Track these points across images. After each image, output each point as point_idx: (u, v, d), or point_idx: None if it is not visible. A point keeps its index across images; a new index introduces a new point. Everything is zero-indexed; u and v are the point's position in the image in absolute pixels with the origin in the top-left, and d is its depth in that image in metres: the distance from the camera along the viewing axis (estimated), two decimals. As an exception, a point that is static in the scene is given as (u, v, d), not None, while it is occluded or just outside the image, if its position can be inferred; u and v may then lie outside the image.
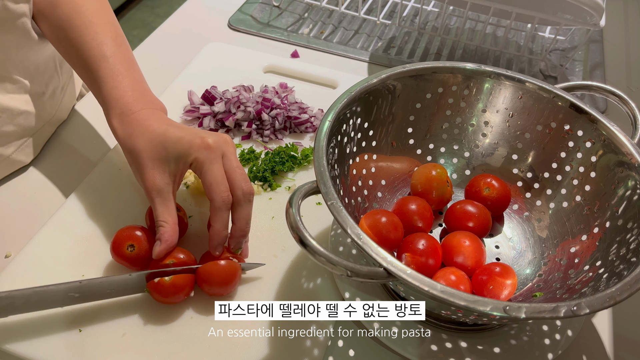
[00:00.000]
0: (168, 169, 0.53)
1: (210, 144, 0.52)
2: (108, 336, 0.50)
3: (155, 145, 0.53)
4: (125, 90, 0.56)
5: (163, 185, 0.52)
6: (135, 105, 0.56)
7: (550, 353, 0.49)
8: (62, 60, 0.72)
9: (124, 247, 0.52)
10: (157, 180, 0.52)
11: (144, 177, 0.53)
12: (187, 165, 0.53)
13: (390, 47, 0.93)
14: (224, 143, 0.54)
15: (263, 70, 0.83)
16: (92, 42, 0.57)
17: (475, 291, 0.51)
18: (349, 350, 0.51)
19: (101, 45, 0.57)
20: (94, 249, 0.57)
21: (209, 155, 0.52)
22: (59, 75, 0.71)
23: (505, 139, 0.61)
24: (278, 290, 0.55)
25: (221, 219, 0.52)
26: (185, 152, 0.52)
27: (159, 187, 0.52)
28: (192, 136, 0.53)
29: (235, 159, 0.54)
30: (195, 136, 0.53)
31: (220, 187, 0.52)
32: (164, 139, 0.53)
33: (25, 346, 0.49)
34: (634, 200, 0.49)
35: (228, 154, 0.54)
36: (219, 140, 0.53)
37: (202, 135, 0.53)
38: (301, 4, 1.01)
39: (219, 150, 0.53)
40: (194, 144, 0.52)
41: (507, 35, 0.86)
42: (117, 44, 0.59)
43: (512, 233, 0.59)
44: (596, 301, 0.39)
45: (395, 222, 0.53)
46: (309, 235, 0.41)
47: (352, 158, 0.55)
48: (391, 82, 0.56)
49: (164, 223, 0.52)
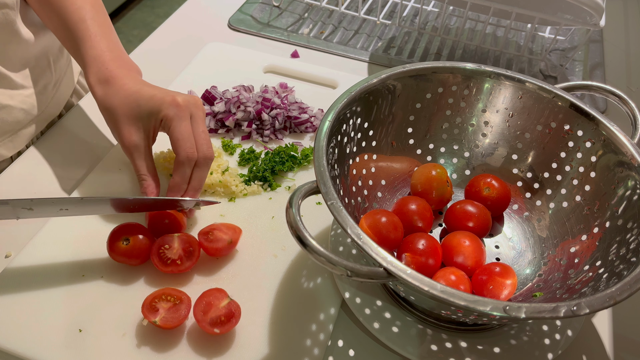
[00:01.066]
0: (142, 124, 0.56)
1: (180, 102, 0.55)
2: (108, 336, 0.50)
3: (130, 103, 0.56)
4: (102, 50, 0.59)
5: (139, 141, 0.56)
6: (112, 64, 0.58)
7: (550, 353, 0.49)
8: (56, 57, 0.72)
9: (119, 242, 0.53)
10: (133, 136, 0.56)
11: (120, 134, 0.57)
12: (159, 121, 0.57)
13: (390, 47, 0.93)
14: (193, 104, 0.57)
15: (263, 70, 0.83)
16: (72, 7, 0.60)
17: (475, 291, 0.51)
18: (349, 350, 0.51)
19: (80, 9, 0.61)
20: (94, 249, 0.56)
21: (178, 113, 0.55)
22: (52, 72, 0.71)
23: (505, 139, 0.61)
24: (278, 290, 0.55)
25: (183, 173, 0.56)
26: (156, 108, 0.55)
27: (135, 142, 0.56)
28: (164, 94, 0.56)
29: (202, 124, 0.57)
30: (166, 94, 0.56)
31: (186, 143, 0.55)
32: (138, 96, 0.56)
33: (26, 346, 0.49)
34: (634, 200, 0.49)
35: (196, 117, 0.57)
36: (189, 101, 0.57)
37: (173, 94, 0.56)
38: (301, 4, 1.01)
39: (188, 109, 0.56)
40: (164, 101, 0.55)
41: (507, 35, 0.86)
42: (95, 9, 0.62)
43: (512, 233, 0.59)
44: (596, 301, 0.39)
45: (395, 222, 0.53)
46: (309, 235, 0.41)
47: (352, 158, 0.55)
48: (391, 82, 0.56)
49: (144, 176, 0.57)
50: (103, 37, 0.60)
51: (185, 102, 0.56)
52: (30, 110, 0.68)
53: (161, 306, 0.50)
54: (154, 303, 0.50)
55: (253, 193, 0.64)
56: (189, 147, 0.55)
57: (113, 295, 0.53)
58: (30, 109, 0.68)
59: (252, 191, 0.64)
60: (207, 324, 0.49)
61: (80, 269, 0.55)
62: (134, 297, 0.53)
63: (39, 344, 0.49)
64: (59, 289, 0.53)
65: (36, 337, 0.49)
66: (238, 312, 0.50)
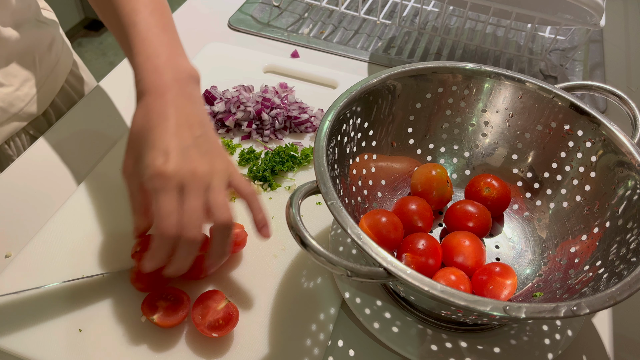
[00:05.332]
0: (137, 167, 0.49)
1: (166, 172, 0.45)
2: (108, 336, 0.50)
3: (138, 139, 0.49)
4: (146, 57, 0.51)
5: (131, 178, 0.50)
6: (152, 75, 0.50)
7: (550, 353, 0.49)
8: (42, 56, 0.72)
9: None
10: (128, 168, 0.50)
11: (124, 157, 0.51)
12: None
13: (390, 47, 0.93)
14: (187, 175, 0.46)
15: (263, 70, 0.82)
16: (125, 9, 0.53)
17: (475, 291, 0.51)
18: (349, 350, 0.51)
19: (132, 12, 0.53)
20: (94, 249, 0.57)
21: (158, 184, 0.45)
22: (36, 70, 0.71)
23: (505, 139, 0.61)
24: (278, 290, 0.55)
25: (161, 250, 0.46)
26: (144, 167, 0.47)
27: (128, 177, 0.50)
28: (159, 152, 0.46)
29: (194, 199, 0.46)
30: (161, 155, 0.46)
31: (164, 220, 0.45)
32: (145, 136, 0.48)
33: (26, 346, 0.49)
34: (634, 200, 0.49)
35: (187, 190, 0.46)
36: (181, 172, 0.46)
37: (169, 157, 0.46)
38: (301, 4, 1.01)
39: (174, 181, 0.46)
40: (151, 165, 0.46)
41: (507, 35, 0.86)
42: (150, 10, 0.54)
43: (512, 233, 0.59)
44: (596, 301, 0.39)
45: (395, 222, 0.53)
46: (309, 235, 0.41)
47: (352, 158, 0.55)
48: (391, 82, 0.56)
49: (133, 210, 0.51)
50: (152, 41, 0.52)
51: (174, 172, 0.45)
52: (8, 108, 0.68)
53: (160, 305, 0.50)
54: (154, 301, 0.50)
55: (253, 193, 0.64)
56: (167, 225, 0.45)
57: (113, 295, 0.53)
58: (8, 107, 0.68)
59: (252, 191, 0.64)
60: (205, 327, 0.49)
61: (80, 269, 0.55)
62: (134, 297, 0.53)
63: (39, 344, 0.49)
64: (59, 289, 0.53)
65: (36, 337, 0.49)
66: (236, 315, 0.50)
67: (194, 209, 0.46)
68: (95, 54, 2.44)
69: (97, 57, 2.43)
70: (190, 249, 0.47)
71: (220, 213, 0.47)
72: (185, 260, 0.47)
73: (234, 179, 0.50)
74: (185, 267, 0.48)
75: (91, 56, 2.43)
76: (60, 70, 0.78)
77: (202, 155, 0.48)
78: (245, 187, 0.51)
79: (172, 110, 0.49)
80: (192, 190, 0.46)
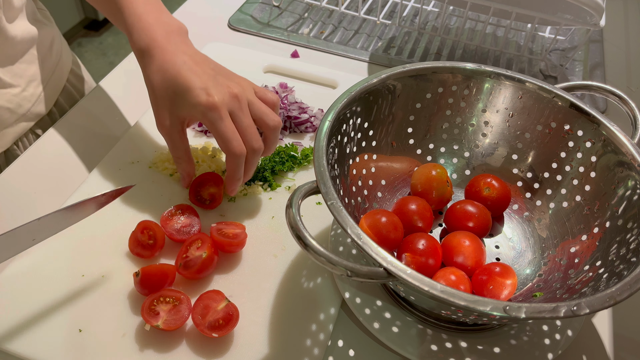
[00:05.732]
0: (177, 112, 0.55)
1: (216, 102, 0.52)
2: (108, 336, 0.50)
3: (167, 88, 0.54)
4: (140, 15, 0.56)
5: (172, 127, 0.55)
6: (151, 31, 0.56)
7: (550, 353, 0.49)
8: (45, 55, 0.72)
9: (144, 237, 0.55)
10: (166, 122, 0.55)
11: (155, 115, 0.56)
12: (196, 118, 0.55)
13: (390, 47, 0.93)
14: (233, 98, 0.54)
15: (263, 70, 0.82)
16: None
17: (475, 291, 0.51)
18: (349, 350, 0.51)
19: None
20: (94, 249, 0.57)
21: (214, 115, 0.53)
22: (39, 69, 0.71)
23: (505, 139, 0.61)
24: (278, 290, 0.55)
25: (236, 166, 0.55)
26: (192, 107, 0.53)
27: (167, 129, 0.56)
28: (199, 91, 0.53)
29: (246, 117, 0.54)
30: (201, 91, 0.53)
31: (231, 142, 0.53)
32: (175, 83, 0.53)
33: (25, 346, 0.49)
34: (634, 200, 0.49)
35: (237, 111, 0.54)
36: (225, 99, 0.53)
37: (209, 91, 0.53)
38: (301, 4, 1.01)
39: (225, 107, 0.53)
40: (200, 102, 0.52)
41: (507, 35, 0.86)
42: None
43: (512, 233, 0.59)
44: (596, 301, 0.39)
45: (395, 222, 0.53)
46: (309, 235, 0.41)
47: (352, 158, 0.55)
48: (391, 82, 0.56)
49: (178, 159, 0.58)
50: (139, 3, 0.57)
51: (222, 102, 0.53)
52: (16, 109, 0.68)
53: (161, 309, 0.50)
54: (154, 306, 0.50)
55: (253, 193, 0.64)
56: (236, 145, 0.53)
57: (113, 295, 0.53)
58: (16, 107, 0.68)
59: (252, 191, 0.64)
60: (205, 327, 0.49)
61: (80, 269, 0.55)
62: (134, 297, 0.53)
63: (39, 344, 0.49)
64: (59, 289, 0.53)
65: (36, 337, 0.49)
66: (236, 315, 0.50)
67: (248, 124, 0.55)
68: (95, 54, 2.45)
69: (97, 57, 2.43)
70: (257, 158, 0.57)
71: (269, 119, 0.56)
72: (254, 169, 0.58)
73: (257, 90, 0.58)
74: (252, 173, 0.58)
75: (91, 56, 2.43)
76: (62, 69, 0.78)
77: (228, 80, 0.55)
78: (271, 95, 0.59)
79: (181, 55, 0.55)
80: (240, 110, 0.54)
